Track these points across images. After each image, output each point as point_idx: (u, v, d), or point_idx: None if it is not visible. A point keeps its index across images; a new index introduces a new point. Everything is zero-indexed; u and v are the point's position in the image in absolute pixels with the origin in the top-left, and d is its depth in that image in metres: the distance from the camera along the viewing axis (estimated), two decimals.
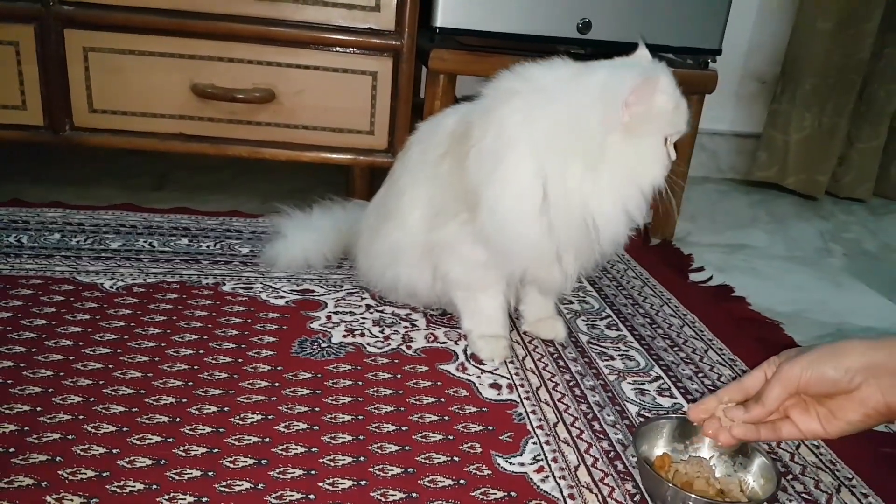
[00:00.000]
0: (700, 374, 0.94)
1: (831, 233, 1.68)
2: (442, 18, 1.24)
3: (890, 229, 1.77)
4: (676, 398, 0.88)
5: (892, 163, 2.01)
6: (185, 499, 0.64)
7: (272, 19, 1.23)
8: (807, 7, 1.83)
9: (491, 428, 0.79)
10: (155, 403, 0.77)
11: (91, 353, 0.85)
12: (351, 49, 1.26)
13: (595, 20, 1.28)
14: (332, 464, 0.70)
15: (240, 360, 0.86)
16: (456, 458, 0.73)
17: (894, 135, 1.96)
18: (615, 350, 0.98)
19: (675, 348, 1.01)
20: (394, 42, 1.26)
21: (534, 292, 0.99)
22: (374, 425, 0.77)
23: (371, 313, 1.02)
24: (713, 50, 1.37)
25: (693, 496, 0.66)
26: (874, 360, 0.62)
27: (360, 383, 0.84)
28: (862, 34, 1.80)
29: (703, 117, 1.46)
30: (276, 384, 0.82)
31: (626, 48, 1.32)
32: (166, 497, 0.64)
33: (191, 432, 0.73)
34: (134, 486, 0.65)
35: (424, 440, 0.75)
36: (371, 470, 0.70)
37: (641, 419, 0.83)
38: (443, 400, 0.83)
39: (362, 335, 0.95)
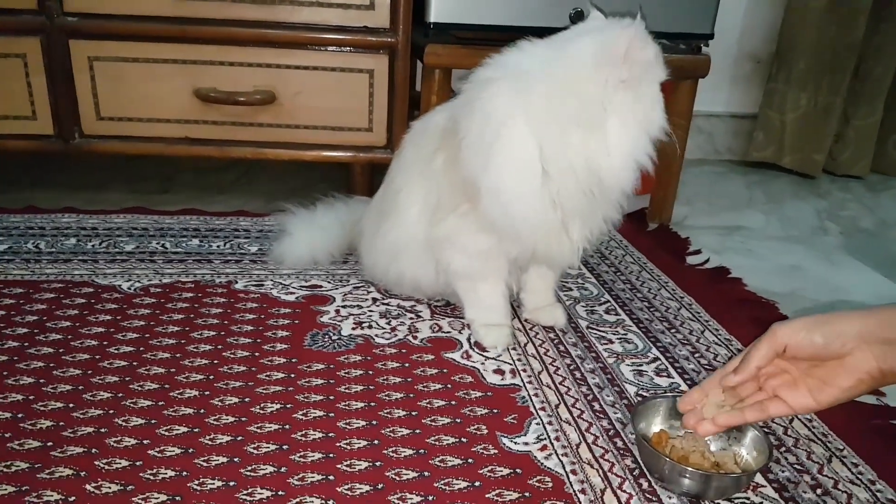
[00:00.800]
0: (696, 355, 0.98)
1: (828, 211, 1.71)
2: (435, 14, 1.27)
3: (887, 205, 1.79)
4: (673, 378, 0.92)
5: (890, 138, 2.02)
6: (213, 483, 0.68)
7: (269, 22, 1.26)
8: None
9: (496, 411, 0.83)
10: (179, 397, 0.81)
11: (115, 351, 0.89)
12: (347, 48, 1.29)
13: (587, 9, 1.30)
14: (349, 447, 0.74)
15: (256, 354, 0.91)
16: (464, 440, 0.77)
17: (890, 111, 1.97)
18: (614, 334, 1.02)
19: (673, 330, 1.04)
20: (389, 39, 1.29)
21: (534, 280, 1.03)
22: (385, 411, 0.81)
23: (377, 306, 1.06)
24: (705, 35, 1.39)
25: (689, 469, 0.69)
26: (867, 327, 0.63)
27: (370, 372, 0.88)
28: (855, 11, 1.82)
29: (699, 99, 1.47)
30: (292, 375, 0.86)
31: None
32: (196, 482, 0.68)
33: (215, 422, 0.77)
34: (165, 474, 0.69)
35: (433, 424, 0.79)
36: (385, 452, 0.74)
37: (639, 399, 0.87)
38: (449, 386, 0.87)
39: (370, 327, 0.99)
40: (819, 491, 0.73)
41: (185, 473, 0.69)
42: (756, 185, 1.88)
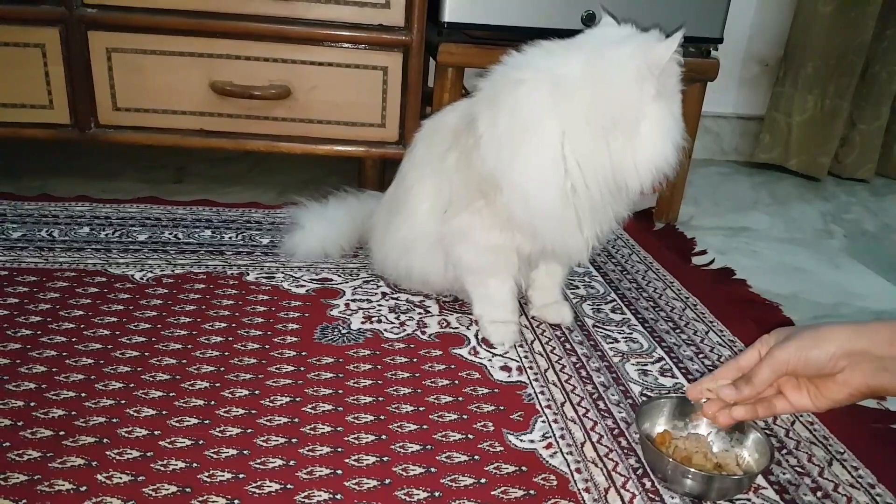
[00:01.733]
0: (701, 355, 0.99)
1: (832, 214, 1.72)
2: (449, 13, 1.28)
3: (891, 209, 1.80)
4: (678, 378, 0.93)
5: (895, 143, 2.03)
6: (223, 475, 0.69)
7: (286, 18, 1.27)
8: None
9: (502, 408, 0.84)
10: (190, 388, 0.82)
11: (127, 341, 0.91)
12: (362, 45, 1.30)
13: (598, 12, 1.31)
14: (357, 442, 0.76)
15: (266, 347, 0.92)
16: (470, 436, 0.78)
17: None
18: (619, 333, 1.03)
19: (677, 330, 1.05)
20: (403, 37, 1.30)
21: (542, 277, 1.04)
22: (393, 406, 0.82)
23: (387, 300, 1.07)
24: (715, 39, 1.40)
25: (692, 470, 0.70)
26: (857, 346, 0.66)
27: (378, 367, 0.90)
28: (863, 16, 1.82)
29: (707, 100, 1.48)
30: (302, 369, 0.88)
31: None
32: (206, 474, 0.69)
33: (225, 414, 0.78)
34: (176, 465, 0.70)
35: (440, 419, 0.81)
36: (392, 447, 0.75)
37: (644, 398, 0.88)
38: (456, 382, 0.88)
39: (379, 321, 1.01)
40: (819, 494, 0.74)
41: (195, 465, 0.70)
42: (762, 187, 1.89)
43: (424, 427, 0.79)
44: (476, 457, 0.75)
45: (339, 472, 0.71)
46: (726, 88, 2.01)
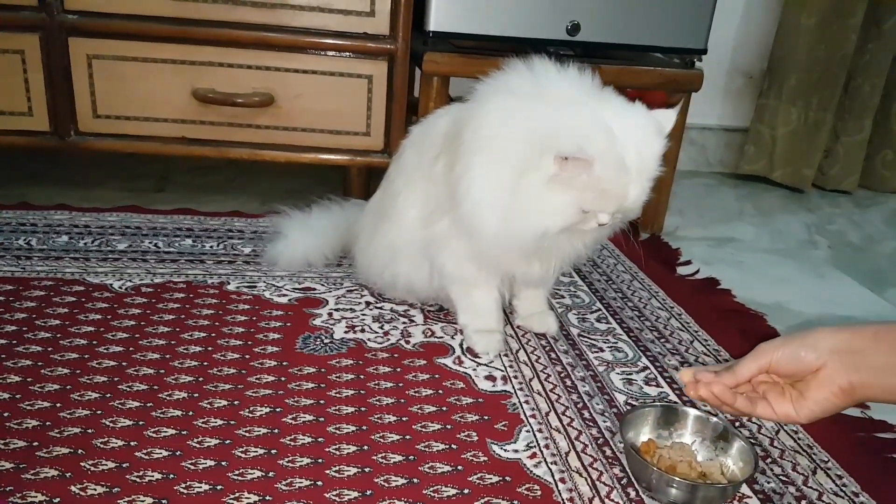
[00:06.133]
0: (686, 365, 0.99)
1: (817, 225, 1.73)
2: (435, 23, 1.28)
3: (874, 221, 1.81)
4: (662, 387, 0.93)
5: (878, 155, 2.05)
6: (200, 487, 0.68)
7: (270, 25, 1.26)
8: (791, 3, 1.87)
9: (486, 417, 0.83)
10: (168, 398, 0.81)
11: (105, 351, 0.89)
12: (347, 53, 1.30)
13: (583, 22, 1.32)
14: (338, 452, 0.74)
15: (247, 357, 0.90)
16: (454, 446, 0.77)
17: (879, 127, 2.00)
18: (605, 342, 1.03)
19: (662, 340, 1.05)
20: (388, 46, 1.30)
21: (526, 288, 1.03)
22: (375, 416, 0.81)
23: (371, 310, 1.06)
24: (699, 49, 1.41)
25: (676, 479, 0.70)
26: (838, 340, 0.67)
27: (361, 377, 0.89)
28: (846, 29, 1.84)
29: (692, 112, 1.50)
30: (283, 379, 0.86)
31: (612, 49, 1.36)
32: (183, 485, 0.68)
33: (203, 425, 0.77)
34: (152, 476, 0.69)
35: (423, 429, 0.79)
36: (374, 458, 0.74)
37: (628, 407, 0.87)
38: (440, 392, 0.87)
39: (363, 331, 1.00)
40: (804, 502, 0.74)
41: (171, 476, 0.69)
42: (746, 198, 1.90)
43: (407, 437, 0.78)
44: (459, 467, 0.74)
45: (320, 483, 0.70)
46: (711, 100, 2.03)
